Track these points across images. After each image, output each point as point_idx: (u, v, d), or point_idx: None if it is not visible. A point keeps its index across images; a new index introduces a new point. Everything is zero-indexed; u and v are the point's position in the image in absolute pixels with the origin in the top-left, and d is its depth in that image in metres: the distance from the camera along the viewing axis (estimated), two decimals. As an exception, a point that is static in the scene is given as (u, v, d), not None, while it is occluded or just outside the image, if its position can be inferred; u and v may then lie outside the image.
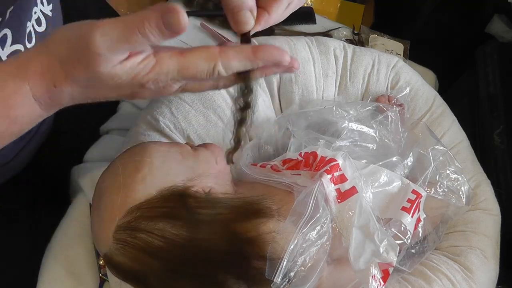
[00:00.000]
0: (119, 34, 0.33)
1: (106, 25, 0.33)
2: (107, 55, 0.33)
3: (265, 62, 0.36)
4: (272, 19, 0.38)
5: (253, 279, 0.45)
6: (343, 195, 0.51)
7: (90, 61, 0.34)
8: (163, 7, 0.33)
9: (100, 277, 0.60)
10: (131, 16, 0.33)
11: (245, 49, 0.36)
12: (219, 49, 0.35)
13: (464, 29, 1.14)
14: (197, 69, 0.35)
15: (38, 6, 0.52)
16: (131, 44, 0.33)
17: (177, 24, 0.33)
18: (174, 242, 0.44)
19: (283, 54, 0.36)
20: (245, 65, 0.36)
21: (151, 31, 0.33)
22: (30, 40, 0.51)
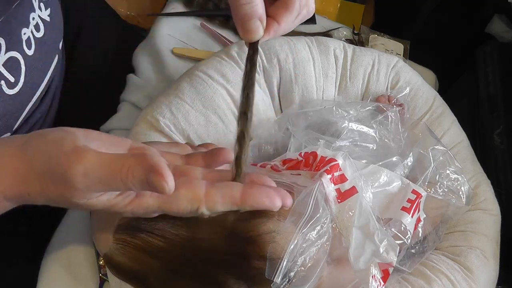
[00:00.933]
0: (101, 177, 0.31)
1: (89, 163, 0.31)
2: (84, 192, 0.32)
3: (253, 209, 0.35)
4: (282, 29, 0.38)
5: (253, 279, 0.45)
6: (343, 195, 0.51)
7: (66, 192, 0.32)
8: (151, 164, 0.31)
9: (100, 277, 0.60)
10: (117, 159, 0.32)
11: (233, 196, 0.34)
12: (205, 191, 0.34)
13: (464, 29, 1.14)
14: (178, 208, 0.34)
15: (36, 12, 0.52)
16: (111, 188, 0.32)
17: (161, 189, 0.31)
18: (174, 242, 0.44)
19: (274, 199, 0.35)
20: (230, 209, 0.35)
21: (134, 182, 0.31)
22: (30, 47, 0.51)
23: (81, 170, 0.31)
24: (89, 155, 0.32)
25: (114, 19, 0.82)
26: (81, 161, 0.32)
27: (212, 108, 0.63)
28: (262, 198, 0.35)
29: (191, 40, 0.83)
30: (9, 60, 0.47)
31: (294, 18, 0.38)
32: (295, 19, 0.38)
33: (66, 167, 0.32)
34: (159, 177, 0.31)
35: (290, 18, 0.38)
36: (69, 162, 0.32)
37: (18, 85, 0.50)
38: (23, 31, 0.49)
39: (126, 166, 0.31)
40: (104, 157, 0.32)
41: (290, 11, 0.38)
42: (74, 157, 0.32)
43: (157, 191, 0.31)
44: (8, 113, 0.50)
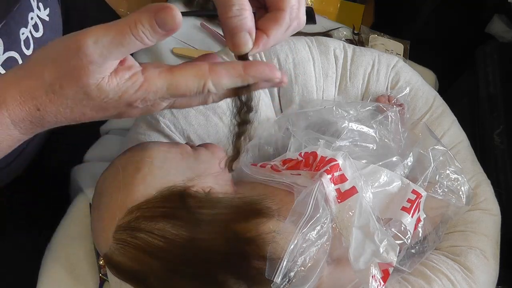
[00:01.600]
0: (112, 38, 0.32)
1: (97, 31, 0.32)
2: (99, 62, 0.32)
3: (256, 79, 0.35)
4: (271, 42, 0.38)
5: (253, 279, 0.45)
6: (343, 195, 0.51)
7: (82, 71, 0.33)
8: (155, 6, 0.32)
9: (100, 277, 0.60)
10: (122, 19, 0.33)
11: (236, 66, 0.35)
12: (209, 66, 0.35)
13: (464, 29, 1.14)
14: (186, 87, 0.35)
15: (35, 12, 0.52)
16: (124, 47, 0.33)
17: (172, 21, 0.32)
18: (174, 242, 0.44)
19: (274, 70, 0.36)
20: (235, 83, 0.35)
21: (145, 31, 0.32)
22: (28, 47, 0.51)
23: (92, 39, 0.32)
24: (95, 27, 0.33)
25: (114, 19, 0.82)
26: (89, 33, 0.32)
27: (212, 108, 0.63)
28: (264, 68, 0.35)
29: (191, 40, 0.83)
30: (7, 60, 0.47)
31: (284, 30, 0.38)
32: (285, 32, 0.38)
33: (76, 44, 0.32)
34: (168, 10, 0.32)
35: (280, 31, 0.38)
36: (78, 38, 0.32)
37: None
38: (22, 31, 0.49)
39: (132, 20, 0.32)
40: (109, 23, 0.33)
41: (280, 24, 0.38)
42: (82, 33, 0.33)
43: (170, 25, 0.32)
44: None
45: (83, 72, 0.33)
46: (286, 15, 0.37)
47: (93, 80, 0.33)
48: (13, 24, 0.48)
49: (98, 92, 0.34)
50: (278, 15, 0.37)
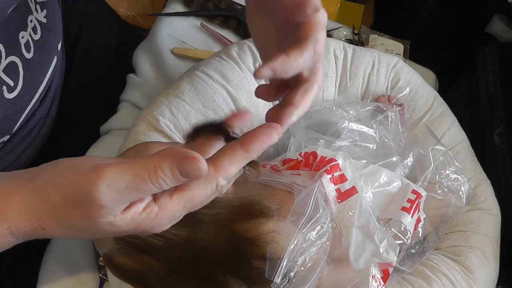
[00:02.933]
0: (127, 184, 0.30)
1: (112, 174, 0.31)
2: (111, 206, 0.31)
3: (259, 152, 0.34)
4: (300, 112, 0.38)
5: (253, 279, 0.45)
6: (343, 195, 0.51)
7: (91, 212, 0.31)
8: (179, 153, 0.31)
9: (100, 277, 0.60)
10: (139, 163, 0.31)
11: (236, 151, 0.34)
12: (212, 165, 0.33)
13: (464, 29, 1.14)
14: (201, 196, 0.34)
15: (34, 14, 0.52)
16: (139, 193, 0.31)
17: (196, 173, 0.31)
18: (174, 242, 0.44)
19: (271, 135, 0.35)
20: (242, 165, 0.34)
21: (165, 179, 0.31)
22: (29, 50, 0.50)
23: (105, 184, 0.30)
24: (109, 167, 0.31)
25: (114, 19, 0.82)
26: (103, 175, 0.31)
27: (212, 108, 0.63)
28: (263, 139, 0.34)
29: (191, 40, 0.83)
30: (9, 65, 0.47)
31: (310, 102, 0.39)
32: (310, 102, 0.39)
33: (88, 186, 0.31)
34: (192, 160, 0.30)
35: (308, 102, 0.38)
36: (90, 180, 0.31)
37: (17, 89, 0.50)
38: (21, 35, 0.49)
39: (152, 165, 0.31)
40: (126, 165, 0.31)
41: (309, 96, 0.38)
42: (95, 174, 0.31)
43: (194, 176, 0.31)
44: (7, 116, 0.50)
45: (92, 213, 0.32)
46: (315, 88, 0.38)
47: (104, 219, 0.32)
48: (12, 28, 0.47)
49: (111, 227, 0.33)
50: (309, 90, 0.38)
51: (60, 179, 0.33)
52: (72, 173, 0.33)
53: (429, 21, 1.14)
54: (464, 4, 1.10)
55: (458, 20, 1.14)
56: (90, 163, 0.32)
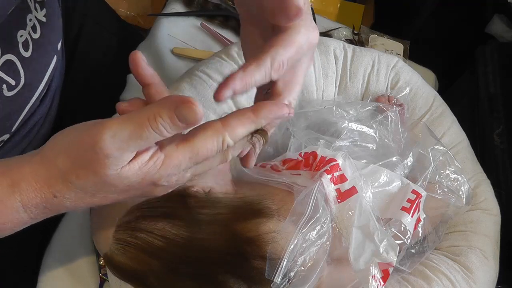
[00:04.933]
0: (130, 133, 0.31)
1: (115, 124, 0.32)
2: (117, 155, 0.32)
3: (268, 120, 0.35)
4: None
5: (253, 279, 0.45)
6: (343, 195, 0.51)
7: (98, 165, 0.32)
8: (176, 99, 0.31)
9: (100, 277, 0.60)
10: (140, 112, 0.32)
11: (245, 113, 0.35)
12: (221, 122, 0.34)
13: (464, 29, 1.14)
14: (207, 149, 0.34)
15: (33, 13, 0.52)
16: (143, 141, 0.32)
17: (193, 116, 0.31)
18: (174, 242, 0.44)
19: (282, 107, 0.36)
20: (249, 129, 0.35)
21: (164, 125, 0.32)
22: (27, 49, 0.50)
23: (109, 133, 0.31)
24: (111, 120, 0.32)
25: (114, 19, 0.82)
26: (106, 126, 0.32)
27: (212, 108, 0.63)
28: (272, 107, 0.35)
29: (191, 40, 0.83)
30: (5, 63, 0.47)
31: (274, 117, 0.38)
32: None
33: (93, 139, 0.32)
34: (188, 105, 0.31)
35: (270, 117, 0.37)
36: (94, 133, 0.32)
37: (18, 87, 0.50)
38: (20, 33, 0.49)
39: (151, 113, 0.31)
40: (127, 115, 0.32)
41: (272, 113, 0.37)
42: (98, 127, 0.32)
43: (191, 120, 0.31)
44: (6, 115, 0.50)
45: (99, 165, 0.32)
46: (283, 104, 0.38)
47: (112, 171, 0.33)
48: (10, 27, 0.48)
49: (119, 179, 0.33)
50: (273, 105, 0.37)
51: (64, 142, 0.34)
52: (74, 133, 0.34)
53: (429, 21, 1.14)
54: (464, 4, 1.10)
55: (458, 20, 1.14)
56: (92, 121, 0.33)
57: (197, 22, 0.85)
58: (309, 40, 0.39)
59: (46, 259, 0.60)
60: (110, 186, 0.34)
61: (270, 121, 0.36)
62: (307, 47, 0.39)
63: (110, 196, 0.36)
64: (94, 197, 0.35)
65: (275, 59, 0.36)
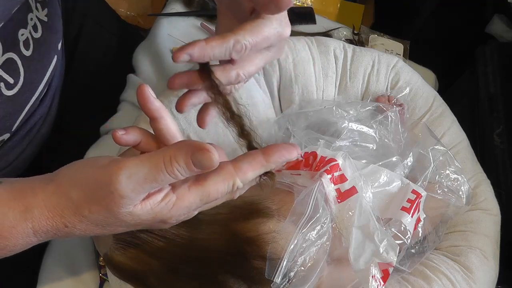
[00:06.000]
0: (146, 174, 0.32)
1: (131, 166, 0.32)
2: (131, 196, 0.33)
3: (278, 164, 0.36)
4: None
5: (253, 279, 0.45)
6: (343, 195, 0.51)
7: (112, 203, 0.33)
8: (192, 145, 0.32)
9: (100, 277, 0.60)
10: (155, 154, 0.33)
11: (256, 157, 0.35)
12: (232, 165, 0.35)
13: (464, 29, 1.14)
14: (218, 192, 0.35)
15: (34, 12, 0.52)
16: (157, 183, 0.33)
17: (209, 163, 0.32)
18: (174, 242, 0.44)
19: (291, 151, 0.36)
20: (259, 173, 0.36)
21: (180, 170, 0.32)
22: (28, 48, 0.51)
23: (125, 174, 0.32)
24: (128, 161, 0.33)
25: (114, 19, 0.82)
26: (123, 166, 0.32)
27: (212, 108, 0.62)
28: (283, 152, 0.36)
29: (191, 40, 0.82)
30: (6, 62, 0.47)
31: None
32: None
33: (109, 177, 0.32)
34: (205, 152, 0.32)
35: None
36: (110, 172, 0.32)
37: (17, 86, 0.50)
38: (21, 32, 0.49)
39: (167, 156, 0.32)
40: (143, 157, 0.33)
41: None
42: (115, 166, 0.33)
43: (207, 167, 0.32)
44: (6, 114, 0.50)
45: (113, 204, 0.33)
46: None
47: (125, 209, 0.33)
48: (11, 26, 0.48)
49: (131, 216, 0.34)
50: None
51: (79, 176, 0.35)
52: (91, 169, 0.34)
53: (429, 21, 1.14)
54: (464, 4, 1.10)
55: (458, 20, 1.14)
56: (108, 158, 0.34)
57: (197, 22, 0.85)
58: (279, 34, 0.40)
59: (46, 259, 0.60)
60: (121, 222, 0.35)
61: (280, 165, 0.37)
62: (275, 38, 0.40)
63: (120, 229, 0.37)
64: (104, 229, 0.36)
65: (239, 42, 0.37)
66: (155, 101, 0.37)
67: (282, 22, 0.39)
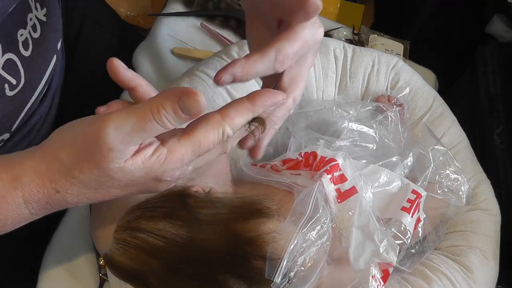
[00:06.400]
0: (134, 124, 0.31)
1: (118, 117, 0.32)
2: (120, 149, 0.32)
3: (265, 107, 0.36)
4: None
5: (253, 279, 0.45)
6: (343, 195, 0.51)
7: (102, 158, 0.32)
8: (178, 90, 0.32)
9: (100, 277, 0.60)
10: (143, 104, 0.32)
11: (242, 103, 0.35)
12: (219, 113, 0.35)
13: (464, 29, 1.14)
14: (209, 141, 0.35)
15: (33, 12, 0.52)
16: (146, 133, 0.32)
17: (196, 107, 0.32)
18: (174, 242, 0.44)
19: (277, 94, 0.36)
20: (247, 118, 0.36)
21: (168, 117, 0.32)
22: (27, 48, 0.50)
23: (112, 126, 0.31)
24: (114, 113, 0.32)
25: (114, 19, 0.82)
26: (110, 119, 0.32)
27: (212, 108, 0.62)
28: (267, 94, 0.36)
29: (191, 40, 0.83)
30: (6, 63, 0.47)
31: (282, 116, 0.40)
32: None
33: (96, 132, 0.32)
34: (192, 95, 0.31)
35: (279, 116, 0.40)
36: (97, 127, 0.32)
37: (19, 87, 0.50)
38: (20, 32, 0.49)
39: (155, 105, 0.32)
40: (129, 108, 0.32)
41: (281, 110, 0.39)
42: (101, 120, 0.32)
43: (194, 111, 0.32)
44: (6, 114, 0.50)
45: (103, 158, 0.32)
46: (289, 101, 0.40)
47: (115, 164, 0.33)
48: (10, 26, 0.48)
49: (123, 173, 0.33)
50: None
51: (67, 136, 0.34)
52: (78, 127, 0.33)
53: (429, 21, 1.14)
54: (464, 4, 1.10)
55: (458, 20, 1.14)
56: (95, 115, 0.34)
57: (197, 22, 0.85)
58: (315, 36, 0.39)
59: (46, 258, 0.60)
60: (113, 180, 0.34)
61: (267, 108, 0.36)
62: (312, 42, 0.39)
63: (113, 191, 0.35)
64: (96, 192, 0.35)
65: (280, 52, 0.36)
66: (126, 71, 0.37)
67: (314, 25, 0.39)
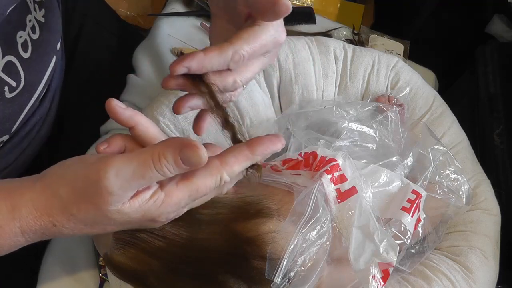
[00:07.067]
0: (133, 171, 0.32)
1: (119, 162, 0.32)
2: (119, 194, 0.32)
3: (263, 156, 0.36)
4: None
5: (253, 279, 0.45)
6: (343, 195, 0.51)
7: (101, 201, 0.33)
8: (180, 142, 0.32)
9: (100, 277, 0.60)
10: (144, 151, 0.33)
11: (242, 151, 0.36)
12: (219, 160, 0.35)
13: (464, 29, 1.14)
14: (206, 187, 0.35)
15: (32, 14, 0.52)
16: (145, 180, 0.33)
17: (197, 159, 0.32)
18: (174, 242, 0.44)
19: (276, 142, 0.36)
20: (246, 166, 0.36)
21: (168, 167, 0.32)
22: (26, 49, 0.51)
23: (113, 171, 0.32)
24: (116, 158, 0.33)
25: (114, 19, 0.82)
26: (110, 164, 0.32)
27: (212, 108, 0.62)
28: (267, 144, 0.36)
29: (191, 40, 0.83)
30: (7, 65, 0.47)
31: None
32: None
33: (96, 175, 0.32)
34: (193, 148, 0.32)
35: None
36: (98, 170, 0.32)
37: (18, 88, 0.50)
38: (19, 34, 0.49)
39: (156, 153, 0.32)
40: (131, 154, 0.33)
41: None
42: (102, 163, 0.32)
43: (195, 163, 0.32)
44: (6, 116, 0.50)
45: (102, 201, 0.33)
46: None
47: (113, 207, 0.33)
48: (9, 28, 0.47)
49: (120, 215, 0.34)
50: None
51: (68, 173, 0.34)
52: (79, 166, 0.34)
53: (429, 21, 1.14)
54: (464, 4, 1.10)
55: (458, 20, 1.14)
56: (97, 156, 0.34)
57: (197, 22, 0.85)
58: (276, 40, 0.40)
59: (46, 258, 0.60)
60: (110, 220, 0.34)
61: (266, 157, 0.37)
62: (272, 45, 0.40)
63: (109, 228, 0.36)
64: (93, 228, 0.36)
65: (237, 53, 0.37)
66: (124, 111, 0.37)
67: (278, 28, 0.39)
